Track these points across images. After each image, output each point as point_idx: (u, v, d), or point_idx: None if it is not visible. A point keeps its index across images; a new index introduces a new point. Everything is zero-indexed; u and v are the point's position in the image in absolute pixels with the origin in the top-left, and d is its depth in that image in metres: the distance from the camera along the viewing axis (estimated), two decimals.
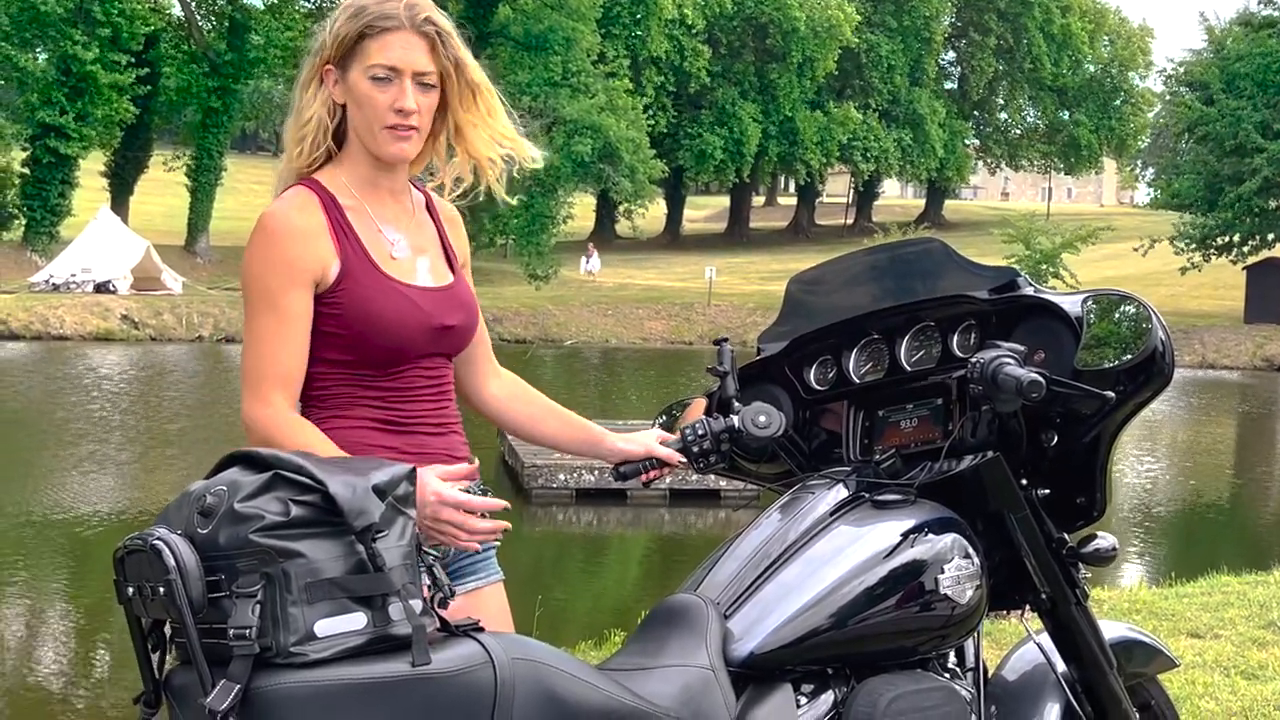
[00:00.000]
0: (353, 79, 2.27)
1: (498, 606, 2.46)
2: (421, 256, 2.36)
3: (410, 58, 2.26)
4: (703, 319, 38.85)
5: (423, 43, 2.27)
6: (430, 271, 2.36)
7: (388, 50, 2.25)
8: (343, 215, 2.29)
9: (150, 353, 29.74)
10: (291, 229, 2.24)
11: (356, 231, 2.29)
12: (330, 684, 1.74)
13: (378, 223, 2.33)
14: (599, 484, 12.46)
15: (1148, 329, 2.32)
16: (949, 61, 70.11)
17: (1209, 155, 42.47)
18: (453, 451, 2.36)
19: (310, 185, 2.30)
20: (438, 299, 2.33)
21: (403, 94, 2.26)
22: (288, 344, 2.21)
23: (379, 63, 2.25)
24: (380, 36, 2.25)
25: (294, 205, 2.27)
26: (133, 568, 1.80)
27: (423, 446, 2.32)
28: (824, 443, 2.67)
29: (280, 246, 2.23)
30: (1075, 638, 2.57)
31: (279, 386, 2.21)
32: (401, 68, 2.25)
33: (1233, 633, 5.70)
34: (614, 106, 44.96)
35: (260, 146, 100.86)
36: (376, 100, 2.25)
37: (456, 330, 2.35)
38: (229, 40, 47.25)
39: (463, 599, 2.37)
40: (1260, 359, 35.63)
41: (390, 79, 2.25)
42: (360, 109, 2.28)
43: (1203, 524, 13.83)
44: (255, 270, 2.23)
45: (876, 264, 2.71)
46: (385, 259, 2.30)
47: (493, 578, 2.46)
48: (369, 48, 2.25)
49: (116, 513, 11.96)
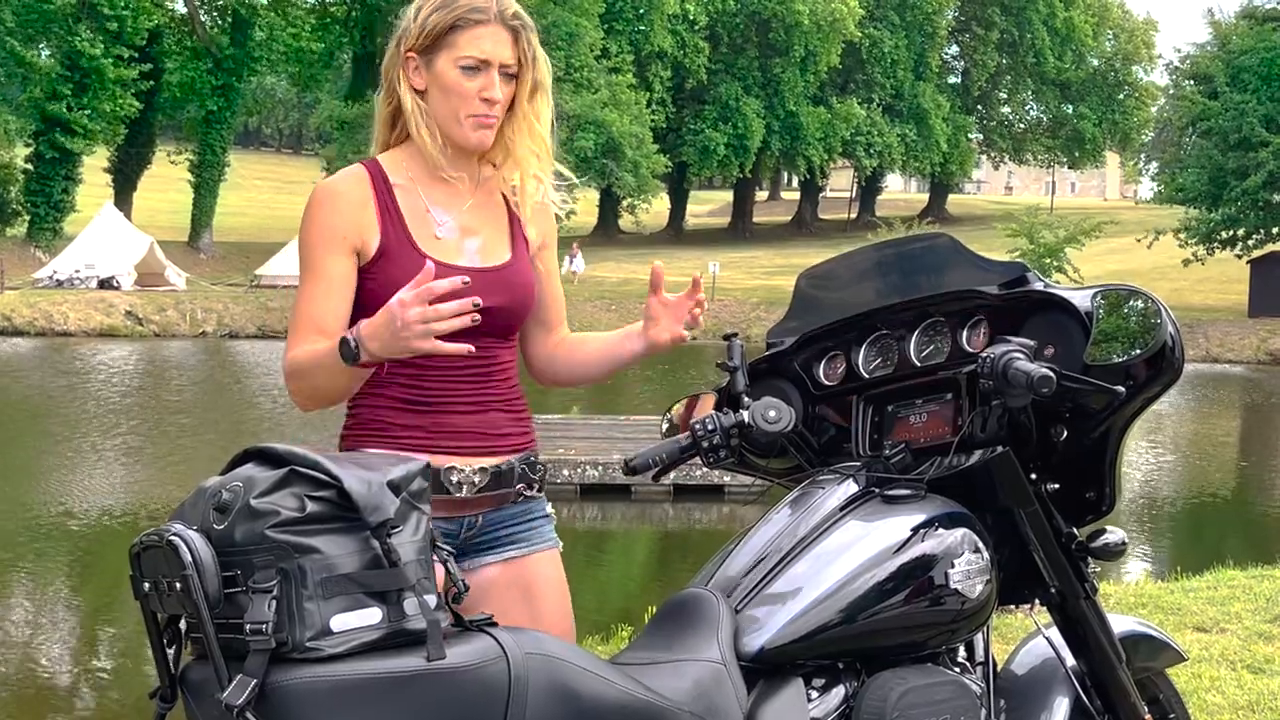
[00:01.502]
0: (439, 68, 2.35)
1: (549, 573, 2.47)
2: (471, 238, 2.41)
3: (499, 50, 2.35)
4: (706, 314, 38.62)
5: (509, 36, 2.36)
6: (479, 252, 2.40)
7: (479, 42, 2.33)
8: (390, 194, 2.37)
9: (154, 349, 29.79)
10: (334, 197, 2.35)
11: (402, 210, 2.37)
12: (345, 679, 1.74)
13: (427, 203, 2.39)
14: (603, 479, 12.48)
15: (1157, 324, 2.33)
16: (952, 55, 70.09)
17: (1213, 149, 42.42)
18: (489, 428, 2.39)
19: (367, 164, 2.41)
20: (480, 279, 2.33)
21: (491, 84, 2.35)
22: (325, 301, 2.31)
23: (470, 54, 2.33)
24: (472, 29, 2.33)
25: (343, 178, 2.38)
26: (149, 563, 1.81)
27: (448, 426, 2.35)
28: (833, 438, 2.67)
29: (323, 213, 2.34)
30: (1084, 632, 2.57)
31: (314, 333, 2.30)
32: (491, 60, 2.34)
33: (1239, 627, 5.71)
34: (617, 102, 45.01)
35: (263, 142, 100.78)
36: (465, 89, 2.34)
37: (496, 311, 2.35)
38: (232, 36, 47.30)
39: (511, 565, 2.42)
40: (1265, 353, 35.60)
41: (479, 69, 2.34)
42: (446, 96, 2.35)
43: (1208, 518, 13.83)
44: (302, 236, 2.36)
45: (885, 259, 2.71)
46: (428, 238, 2.36)
47: (542, 545, 2.47)
48: (459, 39, 2.33)
49: (123, 509, 11.98)
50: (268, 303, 35.94)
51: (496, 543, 2.42)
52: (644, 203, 50.74)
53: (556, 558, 2.50)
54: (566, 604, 2.50)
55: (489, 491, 2.39)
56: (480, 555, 2.41)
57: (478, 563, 2.41)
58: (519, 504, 2.44)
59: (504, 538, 2.43)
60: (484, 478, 2.37)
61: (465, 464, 2.36)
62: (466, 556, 2.40)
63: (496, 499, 2.41)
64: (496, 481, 2.39)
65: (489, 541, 2.41)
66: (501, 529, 2.42)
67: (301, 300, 2.34)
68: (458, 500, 2.36)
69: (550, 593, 2.46)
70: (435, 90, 2.36)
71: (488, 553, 2.42)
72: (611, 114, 43.26)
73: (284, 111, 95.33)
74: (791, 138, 60.46)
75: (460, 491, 2.36)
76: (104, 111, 41.56)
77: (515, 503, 2.44)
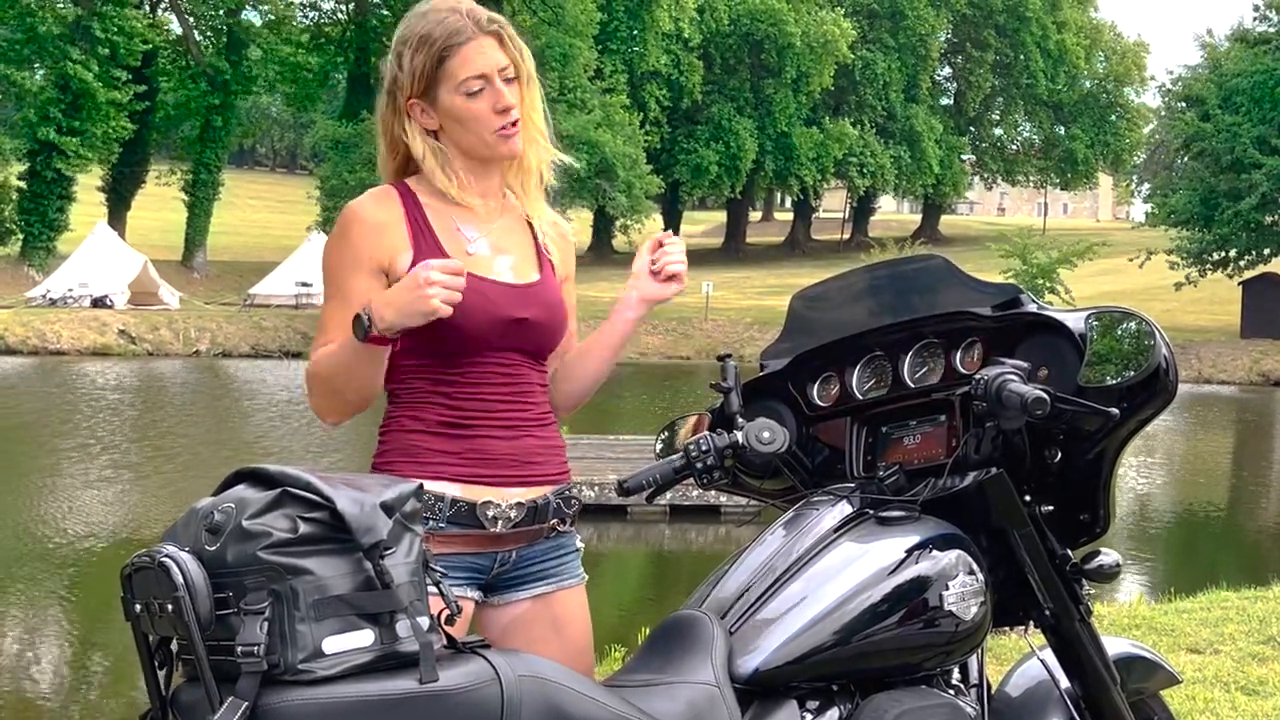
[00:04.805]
0: (445, 102, 2.34)
1: (576, 609, 2.45)
2: (503, 255, 2.40)
3: (492, 60, 2.33)
4: (699, 334, 38.89)
5: (494, 41, 2.35)
6: (511, 269, 2.39)
7: (470, 63, 2.32)
8: (421, 212, 2.36)
9: (147, 368, 29.74)
10: (363, 219, 2.33)
11: (433, 227, 2.36)
12: (338, 701, 1.74)
13: (456, 221, 2.38)
14: (599, 500, 12.46)
15: (1151, 346, 2.33)
16: (945, 77, 70.37)
17: (1205, 171, 42.57)
18: (524, 456, 2.36)
19: (396, 185, 2.40)
20: (512, 294, 2.34)
21: (499, 95, 2.33)
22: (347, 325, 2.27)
23: (468, 75, 2.32)
24: (459, 52, 2.31)
25: (372, 198, 2.37)
26: (140, 585, 1.80)
27: (483, 451, 2.33)
28: (827, 459, 2.67)
29: (350, 236, 2.33)
30: (1079, 653, 2.57)
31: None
32: (488, 73, 2.33)
33: (1232, 648, 5.70)
34: (610, 122, 45.08)
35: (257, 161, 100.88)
36: (477, 111, 2.33)
37: (531, 324, 2.35)
38: (227, 56, 47.35)
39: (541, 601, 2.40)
40: (1257, 374, 35.68)
41: (483, 88, 2.32)
42: (463, 125, 2.34)
43: (1201, 539, 13.83)
44: (327, 258, 2.35)
45: (879, 280, 2.71)
46: (459, 254, 2.34)
47: (570, 581, 2.45)
48: (451, 68, 2.32)
49: (114, 529, 11.95)
50: (261, 322, 35.91)
51: (529, 578, 2.39)
52: (637, 223, 50.77)
53: (582, 593, 2.48)
54: (590, 639, 2.48)
55: (524, 527, 2.36)
56: (512, 591, 2.39)
57: (508, 598, 2.39)
58: (551, 539, 2.42)
59: (535, 573, 2.40)
60: (520, 513, 2.34)
61: (502, 498, 2.33)
62: (497, 591, 2.38)
63: (531, 534, 2.38)
64: (532, 517, 2.36)
65: (521, 577, 2.39)
66: (534, 564, 2.40)
67: (325, 321, 2.34)
68: (492, 536, 2.33)
69: (576, 630, 2.44)
70: (450, 124, 2.35)
71: (520, 588, 2.39)
72: (605, 134, 43.33)
73: (279, 131, 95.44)
74: (784, 158, 60.62)
75: (496, 527, 2.33)
76: (96, 134, 41.57)
77: (548, 538, 2.41)
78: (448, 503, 2.29)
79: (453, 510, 2.30)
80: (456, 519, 2.30)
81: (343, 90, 53.54)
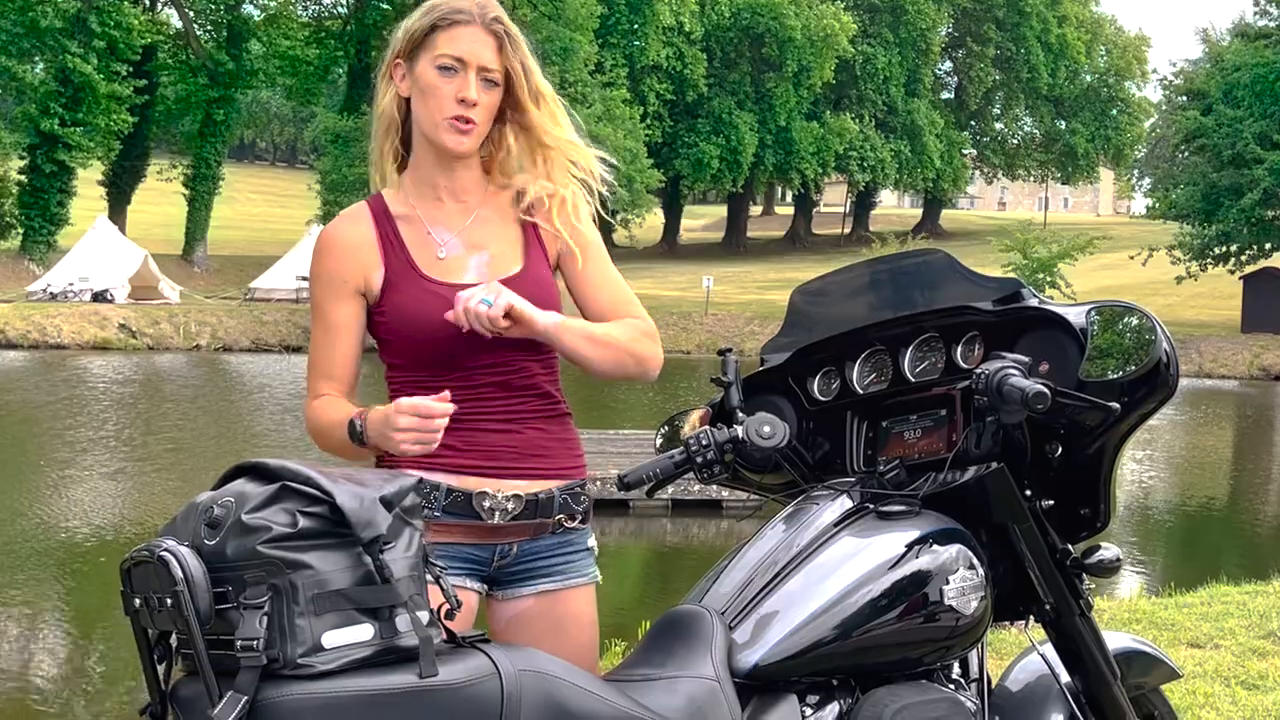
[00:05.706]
0: (419, 70, 2.35)
1: (581, 611, 2.41)
2: (476, 254, 2.38)
3: (477, 51, 2.33)
4: (700, 328, 38.85)
5: (491, 40, 2.34)
6: (486, 265, 2.37)
7: (456, 42, 2.32)
8: (393, 225, 2.37)
9: (147, 362, 29.74)
10: (334, 244, 2.37)
11: (404, 240, 2.36)
12: (337, 695, 1.73)
13: (428, 225, 2.38)
14: (601, 494, 12.45)
15: (1152, 340, 2.32)
16: (946, 71, 70.27)
17: (1206, 165, 42.53)
18: (524, 448, 2.35)
19: (370, 200, 2.41)
20: None
21: (466, 84, 2.31)
22: (333, 349, 2.36)
23: (446, 52, 2.32)
24: (450, 29, 2.32)
25: (344, 219, 2.41)
26: (140, 579, 1.80)
27: (479, 443, 2.33)
28: (827, 453, 2.67)
29: (324, 261, 2.38)
30: (1079, 648, 2.57)
31: (324, 380, 2.38)
32: (468, 60, 2.32)
33: (1233, 643, 5.70)
34: (611, 116, 45.02)
35: (258, 156, 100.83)
36: (440, 90, 2.32)
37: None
38: (228, 50, 47.31)
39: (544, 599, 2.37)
40: (1257, 368, 35.67)
41: (456, 69, 2.32)
42: (424, 99, 2.34)
43: (1201, 533, 13.83)
44: (310, 284, 2.41)
45: (880, 275, 2.71)
46: (430, 262, 2.35)
47: (578, 580, 2.41)
48: (438, 39, 2.33)
49: (114, 523, 11.94)
50: (261, 316, 35.90)
51: (533, 574, 2.37)
52: (638, 217, 50.72)
53: (591, 594, 2.44)
54: (594, 642, 2.44)
55: (524, 520, 2.34)
56: (515, 586, 2.37)
57: (511, 594, 2.37)
58: (558, 534, 2.39)
59: (540, 569, 2.38)
60: (518, 505, 2.33)
61: (497, 488, 2.31)
62: (501, 586, 2.37)
63: (533, 528, 2.35)
64: (533, 510, 2.34)
65: (524, 572, 2.37)
66: (539, 560, 2.37)
67: (311, 347, 2.41)
68: (489, 527, 2.32)
69: (579, 631, 2.40)
70: (417, 94, 2.36)
71: (523, 584, 2.37)
72: (605, 128, 43.25)
73: (279, 125, 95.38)
74: (785, 152, 60.53)
75: (492, 518, 2.32)
76: (97, 127, 41.53)
77: (554, 533, 2.38)
78: (443, 492, 2.30)
79: (448, 499, 2.30)
80: (452, 508, 2.30)
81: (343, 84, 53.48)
